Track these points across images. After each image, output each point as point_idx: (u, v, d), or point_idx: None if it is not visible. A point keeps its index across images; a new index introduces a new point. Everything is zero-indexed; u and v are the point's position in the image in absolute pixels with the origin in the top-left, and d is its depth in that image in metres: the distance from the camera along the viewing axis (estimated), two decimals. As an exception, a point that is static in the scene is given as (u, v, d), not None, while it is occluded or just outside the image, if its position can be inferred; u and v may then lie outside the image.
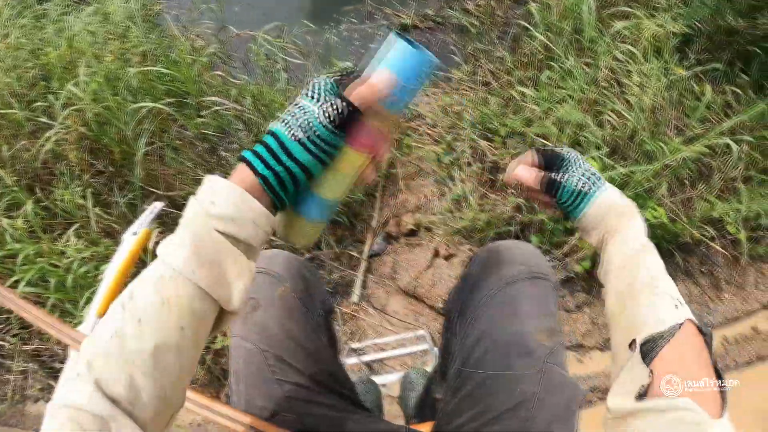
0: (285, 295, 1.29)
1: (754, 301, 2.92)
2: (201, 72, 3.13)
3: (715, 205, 2.67)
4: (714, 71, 3.04)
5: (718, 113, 2.99)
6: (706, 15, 3.13)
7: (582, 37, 3.08)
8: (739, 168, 2.73)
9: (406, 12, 4.22)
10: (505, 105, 3.27)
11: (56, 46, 3.17)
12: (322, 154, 0.85)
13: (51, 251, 2.55)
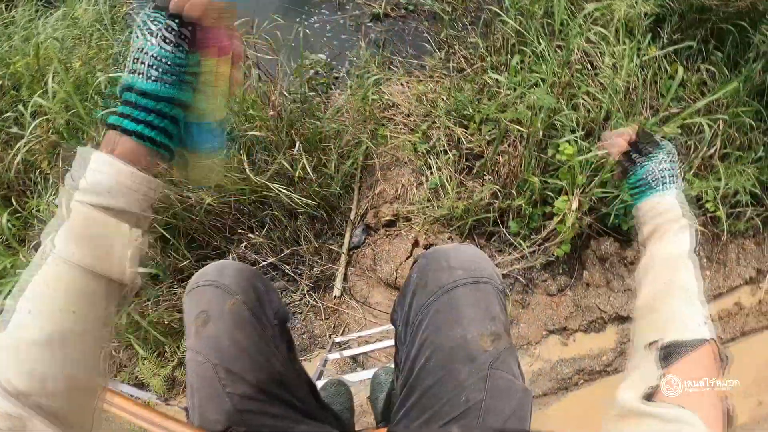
0: (235, 308, 1.28)
1: (736, 276, 2.96)
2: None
3: (693, 184, 2.70)
4: (688, 49, 3.06)
5: (693, 92, 3.02)
6: (678, -8, 3.15)
7: (553, 20, 3.08)
8: (716, 146, 2.76)
9: (377, 1, 4.22)
10: (480, 91, 3.28)
11: (24, 55, 3.14)
12: (185, 79, 0.83)
13: (28, 261, 2.52)
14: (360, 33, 4.05)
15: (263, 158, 2.86)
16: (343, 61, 3.90)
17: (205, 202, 2.68)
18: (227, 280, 1.32)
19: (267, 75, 3.25)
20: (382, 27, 4.07)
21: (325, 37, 4.10)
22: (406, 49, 3.90)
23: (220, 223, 2.88)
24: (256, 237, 2.87)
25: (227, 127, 0.95)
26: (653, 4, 3.01)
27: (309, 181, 2.86)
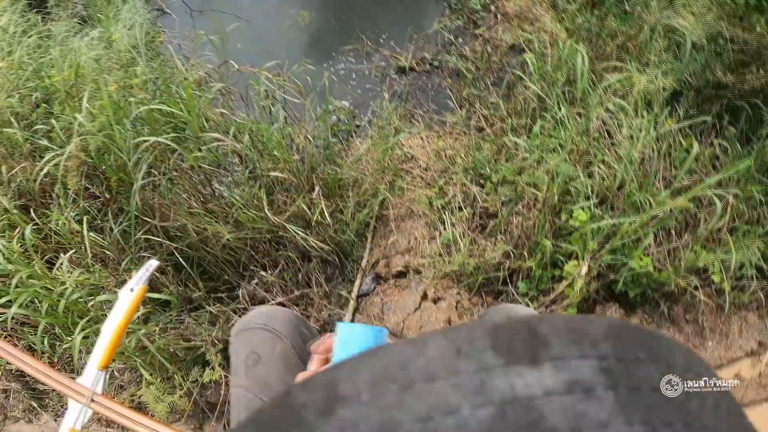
0: (284, 352, 1.41)
1: (737, 348, 3.05)
2: (204, 108, 3.28)
3: (701, 255, 2.82)
4: (702, 124, 3.22)
5: (705, 165, 3.16)
6: (696, 69, 3.32)
7: (575, 88, 3.26)
8: (725, 219, 2.89)
9: (403, 54, 4.41)
10: (498, 152, 3.43)
11: (60, 69, 3.32)
12: None
13: (44, 275, 2.66)
14: (384, 84, 4.23)
15: (283, 199, 2.99)
16: (366, 110, 4.07)
17: (224, 237, 2.81)
18: (277, 324, 1.46)
19: (293, 117, 3.42)
20: (406, 80, 4.25)
21: (350, 84, 4.28)
22: (428, 104, 4.07)
23: (233, 258, 3.00)
24: (268, 275, 2.98)
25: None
26: (672, 80, 3.18)
27: (325, 225, 2.98)
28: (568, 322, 0.44)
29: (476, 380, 0.39)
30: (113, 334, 1.39)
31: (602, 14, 3.79)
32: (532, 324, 0.42)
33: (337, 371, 0.41)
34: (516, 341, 0.41)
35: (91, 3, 4.45)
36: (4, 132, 3.06)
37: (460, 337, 0.41)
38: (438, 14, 4.69)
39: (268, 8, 4.95)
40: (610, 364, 0.42)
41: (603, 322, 0.44)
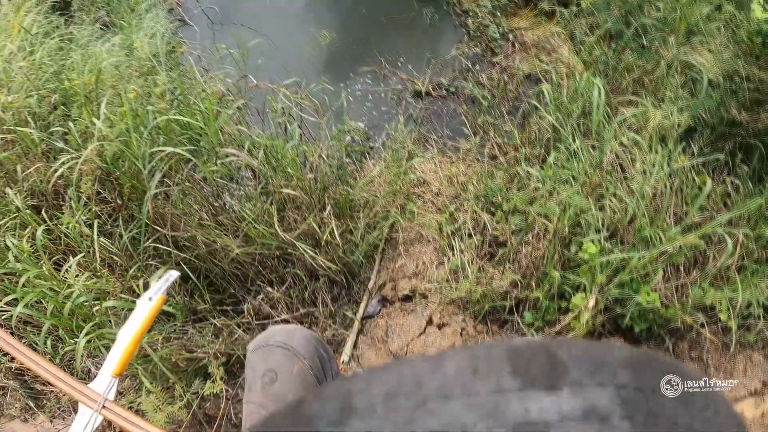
0: (302, 372, 1.43)
1: (741, 387, 3.04)
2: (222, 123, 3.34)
3: (708, 293, 2.82)
4: (715, 161, 3.24)
5: (717, 203, 3.18)
6: (711, 106, 3.35)
7: (590, 120, 3.29)
8: (734, 257, 2.90)
9: (420, 78, 4.46)
10: (510, 180, 3.46)
11: (80, 73, 3.39)
12: None
13: (52, 276, 2.70)
14: (400, 107, 4.28)
15: (294, 216, 3.02)
16: (380, 132, 4.11)
17: (233, 251, 2.85)
18: (296, 344, 1.48)
19: (308, 136, 3.47)
20: (422, 104, 4.30)
21: (366, 105, 4.34)
22: (443, 129, 4.12)
23: (241, 271, 3.03)
24: (275, 292, 3.01)
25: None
26: (687, 116, 3.21)
27: (334, 245, 3.01)
28: (588, 349, 0.44)
29: (491, 402, 0.39)
30: (129, 342, 1.41)
31: (620, 48, 3.83)
32: (551, 348, 0.43)
33: (352, 383, 0.41)
34: (534, 365, 0.41)
35: (114, 9, 4.54)
36: (21, 131, 3.11)
37: (478, 356, 0.41)
38: (456, 40, 4.75)
39: (290, 26, 5.03)
40: (628, 393, 0.42)
41: (623, 351, 0.45)
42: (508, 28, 4.69)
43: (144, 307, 1.49)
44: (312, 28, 4.92)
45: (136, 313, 1.48)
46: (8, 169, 3.10)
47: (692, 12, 3.60)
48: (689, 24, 3.61)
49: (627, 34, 3.81)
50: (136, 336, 1.43)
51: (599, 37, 4.00)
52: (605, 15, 4.05)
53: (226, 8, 5.22)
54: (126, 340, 1.42)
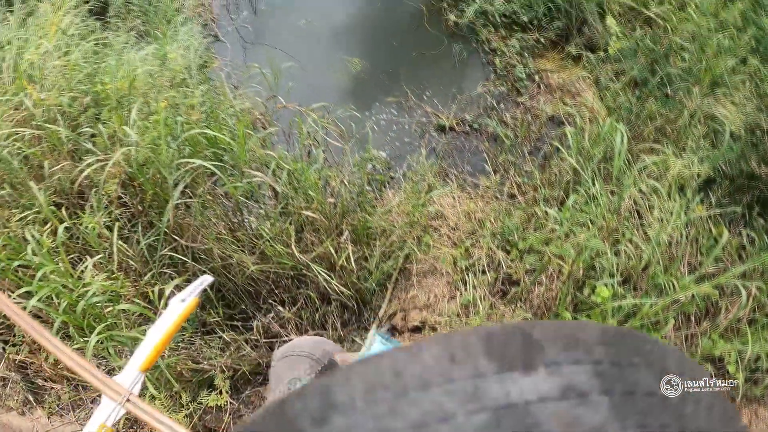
0: None
1: (745, 442, 3.03)
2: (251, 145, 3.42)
3: (718, 344, 2.84)
4: (732, 213, 3.28)
5: (731, 254, 3.20)
6: (732, 158, 3.40)
7: (611, 165, 3.34)
8: (746, 310, 2.92)
9: (445, 112, 4.54)
10: (528, 220, 3.50)
11: (113, 78, 3.48)
12: None
13: (68, 273, 2.76)
14: (423, 140, 4.34)
15: (311, 239, 3.08)
16: (402, 162, 4.17)
17: (248, 268, 2.91)
18: (322, 355, 1.52)
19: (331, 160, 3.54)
20: (444, 138, 4.37)
21: (389, 135, 4.41)
22: (464, 165, 4.17)
23: (254, 288, 3.08)
24: (286, 311, 3.05)
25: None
26: (707, 167, 3.26)
27: (349, 270, 3.05)
28: (562, 328, 0.45)
29: (471, 387, 0.39)
30: (159, 339, 1.45)
31: (644, 96, 3.89)
32: (525, 329, 0.43)
33: (331, 378, 0.42)
34: (510, 347, 0.42)
35: (150, 19, 4.68)
36: (50, 128, 3.20)
37: (454, 343, 0.42)
38: (483, 78, 4.83)
39: (321, 50, 5.15)
40: (604, 369, 0.42)
41: (597, 328, 0.45)
42: (534, 69, 4.77)
43: (176, 308, 1.52)
44: (343, 55, 5.02)
45: (167, 313, 1.52)
46: (33, 164, 3.19)
47: (717, 64, 3.66)
48: (714, 75, 3.67)
49: (652, 83, 3.88)
50: (166, 335, 1.46)
51: (624, 84, 4.07)
52: (631, 62, 4.12)
53: (259, 28, 5.37)
54: (156, 338, 1.45)
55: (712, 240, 3.13)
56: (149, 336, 1.48)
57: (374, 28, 5.44)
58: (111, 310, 2.72)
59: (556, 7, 4.95)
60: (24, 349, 2.95)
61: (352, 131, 3.83)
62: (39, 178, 3.14)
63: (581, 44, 4.79)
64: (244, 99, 4.02)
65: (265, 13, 5.57)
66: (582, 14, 4.78)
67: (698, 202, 3.19)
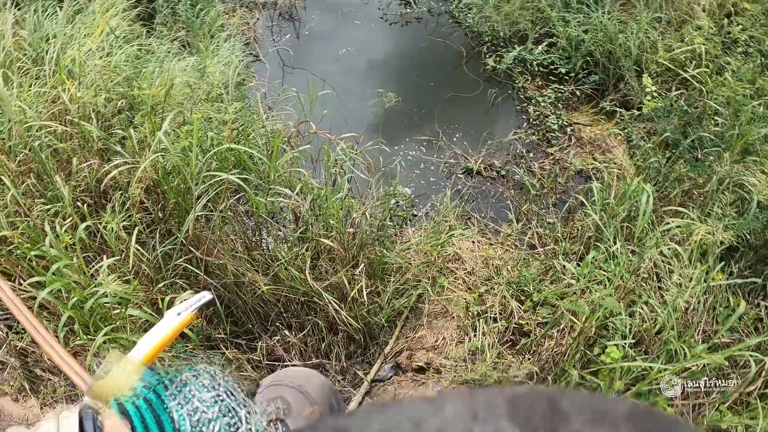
0: (312, 416, 1.48)
1: None
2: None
3: (726, 416, 2.82)
4: (752, 284, 3.29)
5: (747, 326, 3.20)
6: (757, 228, 3.42)
7: (634, 225, 3.37)
8: (758, 383, 2.92)
9: (473, 156, 4.60)
10: (545, 272, 3.53)
11: (151, 84, 3.60)
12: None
13: (81, 270, 2.82)
14: (449, 180, 4.40)
15: (326, 267, 3.13)
16: (426, 201, 4.23)
17: (260, 288, 2.97)
18: (312, 389, 1.54)
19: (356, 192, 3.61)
20: (471, 182, 4.42)
21: (415, 172, 4.48)
22: (487, 211, 4.21)
23: (263, 309, 3.13)
24: (292, 336, 3.09)
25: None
26: (731, 235, 3.28)
27: (360, 303, 3.09)
28: (591, 400, 0.44)
29: None
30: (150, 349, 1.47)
31: (674, 157, 3.93)
32: (553, 397, 0.43)
33: (349, 420, 0.42)
34: (534, 413, 0.41)
35: (194, 31, 4.83)
36: (83, 125, 3.30)
37: (479, 401, 0.41)
38: (515, 125, 4.89)
39: (358, 81, 5.29)
40: None
41: (626, 404, 0.44)
42: (567, 122, 4.83)
43: (170, 321, 1.53)
44: (379, 88, 5.13)
45: (159, 325, 1.53)
46: (62, 158, 3.28)
47: (750, 131, 3.69)
48: (746, 143, 3.71)
49: (683, 145, 3.91)
50: (158, 345, 1.48)
51: (655, 144, 4.11)
52: (664, 123, 4.17)
53: (299, 53, 5.53)
54: (142, 351, 1.47)
55: (729, 310, 3.14)
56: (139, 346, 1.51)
57: (413, 65, 5.56)
58: (118, 312, 2.78)
59: (594, 62, 5.04)
60: (27, 336, 3.00)
61: (380, 164, 3.90)
62: (65, 172, 3.23)
63: (616, 100, 4.86)
64: (276, 121, 4.12)
65: (307, 39, 5.74)
66: (619, 70, 4.85)
67: (719, 270, 3.21)
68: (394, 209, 4.06)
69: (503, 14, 5.55)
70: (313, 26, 5.91)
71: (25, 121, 3.29)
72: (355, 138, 3.88)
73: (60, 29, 4.00)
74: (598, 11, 5.08)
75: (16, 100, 3.33)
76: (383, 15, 6.09)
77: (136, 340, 2.64)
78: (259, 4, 6.04)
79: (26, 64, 3.84)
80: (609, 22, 4.95)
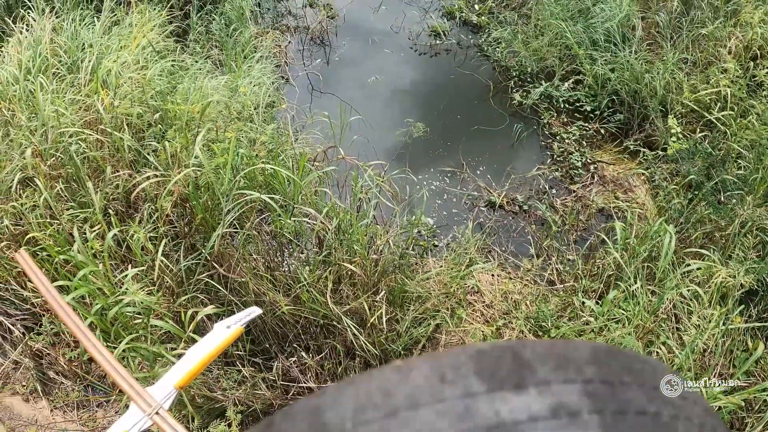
0: None
1: None
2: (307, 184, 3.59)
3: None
4: (771, 326, 3.32)
5: (765, 369, 3.20)
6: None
7: (655, 266, 3.42)
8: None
9: (497, 190, 4.66)
10: (564, 308, 3.56)
11: (186, 100, 3.71)
12: None
13: (106, 278, 2.89)
14: (472, 213, 4.45)
15: (347, 292, 3.18)
16: (447, 232, 4.28)
17: (281, 308, 3.04)
18: None
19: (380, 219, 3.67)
20: (493, 215, 4.47)
21: (437, 203, 4.54)
22: (508, 245, 4.25)
23: (281, 330, 3.17)
24: (309, 358, 3.13)
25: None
26: (751, 278, 3.31)
27: (379, 330, 3.14)
28: (553, 347, 0.45)
29: (461, 406, 0.40)
30: (199, 360, 1.54)
31: (696, 199, 3.98)
32: (516, 349, 0.44)
33: (320, 398, 0.42)
34: (500, 366, 0.42)
35: (227, 51, 4.95)
36: (116, 135, 3.40)
37: (445, 363, 0.42)
38: (539, 161, 4.94)
39: (386, 110, 5.38)
40: (595, 388, 0.43)
41: (587, 347, 0.46)
42: (590, 159, 4.87)
43: (221, 333, 1.61)
44: (405, 117, 5.21)
45: (211, 336, 1.60)
46: (92, 166, 3.38)
47: (773, 174, 3.75)
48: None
49: (706, 187, 3.94)
50: (207, 357, 1.55)
51: (678, 185, 4.15)
52: (688, 165, 4.22)
53: (329, 78, 5.63)
54: (196, 358, 1.54)
55: (747, 354, 3.16)
56: (189, 354, 1.57)
57: (440, 96, 5.63)
58: (140, 322, 2.84)
59: (620, 101, 5.09)
60: (45, 339, 3.06)
61: (405, 192, 3.97)
62: (96, 180, 3.32)
63: (640, 140, 4.90)
64: (304, 144, 4.21)
65: (337, 65, 5.85)
66: (644, 110, 4.90)
67: (738, 313, 3.24)
68: (417, 239, 4.11)
69: (531, 49, 5.64)
70: (344, 52, 6.02)
71: (59, 127, 3.39)
72: (381, 165, 3.95)
73: (97, 39, 4.12)
74: (625, 50, 5.15)
75: (51, 105, 3.43)
76: (413, 45, 6.19)
77: (156, 350, 2.74)
78: (291, 27, 6.17)
79: (61, 71, 3.96)
80: (636, 61, 5.00)
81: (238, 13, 5.30)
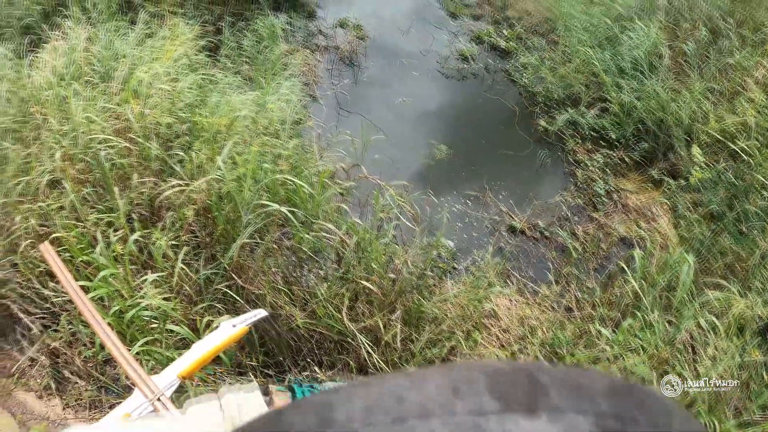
0: None
1: None
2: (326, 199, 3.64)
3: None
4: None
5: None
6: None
7: (673, 295, 3.42)
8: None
9: (519, 215, 4.70)
10: (579, 336, 3.55)
11: (213, 113, 3.78)
12: None
13: (126, 281, 2.95)
14: (492, 237, 4.48)
15: (363, 309, 3.20)
16: (467, 256, 4.30)
17: (296, 322, 3.08)
18: None
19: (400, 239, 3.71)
20: (514, 240, 4.49)
21: (458, 225, 4.58)
22: (527, 270, 4.27)
23: (296, 343, 3.20)
24: (321, 373, 3.15)
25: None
26: (771, 313, 3.31)
27: (392, 348, 3.15)
28: (570, 375, 0.44)
29: (470, 422, 0.39)
30: (203, 353, 1.61)
31: (718, 229, 3.98)
32: (533, 372, 0.43)
33: (332, 395, 0.43)
34: (515, 388, 0.42)
35: (257, 67, 5.05)
36: (144, 144, 3.48)
37: (460, 376, 0.42)
38: (562, 187, 4.98)
39: (411, 131, 5.44)
40: (606, 422, 0.42)
41: (605, 379, 0.45)
42: (614, 187, 4.90)
43: (226, 331, 1.68)
44: (431, 140, 5.28)
45: (216, 333, 1.67)
46: (119, 173, 3.45)
47: (796, 207, 3.74)
48: (792, 217, 3.75)
49: (728, 217, 3.95)
50: (211, 351, 1.62)
51: (701, 215, 4.16)
52: (711, 195, 4.23)
53: (356, 97, 5.73)
54: (200, 352, 1.61)
55: (764, 387, 3.15)
56: (195, 348, 1.64)
57: (466, 120, 5.70)
58: (156, 326, 2.89)
59: (645, 129, 5.12)
60: (62, 338, 3.11)
61: (426, 213, 4.01)
62: (122, 186, 3.39)
63: (664, 169, 4.92)
64: (328, 162, 4.28)
65: (365, 85, 5.94)
66: (669, 139, 4.92)
67: (755, 346, 3.24)
68: (436, 260, 4.14)
69: (558, 76, 5.69)
70: (372, 73, 6.11)
71: (90, 133, 3.48)
72: (404, 186, 4.00)
73: (130, 50, 4.23)
74: (652, 79, 5.18)
75: (83, 112, 3.52)
76: (441, 68, 6.27)
77: (170, 355, 2.79)
78: (321, 47, 6.27)
79: (94, 79, 4.06)
80: (662, 90, 5.03)
81: (269, 31, 5.42)
